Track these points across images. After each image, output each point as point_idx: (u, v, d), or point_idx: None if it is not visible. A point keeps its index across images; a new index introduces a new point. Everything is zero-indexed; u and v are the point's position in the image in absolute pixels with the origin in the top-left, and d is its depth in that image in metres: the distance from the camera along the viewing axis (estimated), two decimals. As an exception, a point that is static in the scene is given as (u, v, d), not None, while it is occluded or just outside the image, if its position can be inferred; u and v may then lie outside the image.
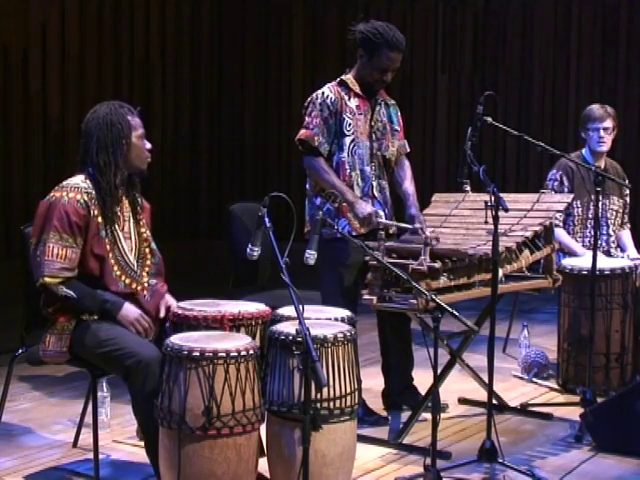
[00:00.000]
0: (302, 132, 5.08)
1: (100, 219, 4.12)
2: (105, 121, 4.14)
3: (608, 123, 5.96)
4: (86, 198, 4.09)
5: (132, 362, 3.91)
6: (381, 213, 5.09)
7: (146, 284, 4.25)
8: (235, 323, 3.95)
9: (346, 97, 5.09)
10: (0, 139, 8.87)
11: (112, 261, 4.14)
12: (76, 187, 4.12)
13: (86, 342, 4.07)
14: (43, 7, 9.09)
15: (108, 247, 4.14)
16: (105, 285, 4.13)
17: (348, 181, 5.05)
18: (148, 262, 4.30)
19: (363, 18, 5.15)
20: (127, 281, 4.18)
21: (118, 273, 4.15)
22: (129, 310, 4.10)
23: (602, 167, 5.99)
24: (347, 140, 5.06)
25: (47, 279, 4.03)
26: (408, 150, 5.36)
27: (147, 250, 4.31)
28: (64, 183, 4.16)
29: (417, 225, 4.92)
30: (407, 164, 5.31)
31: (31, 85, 9.05)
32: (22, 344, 4.41)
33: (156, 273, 4.32)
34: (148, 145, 4.25)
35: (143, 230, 4.31)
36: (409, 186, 5.23)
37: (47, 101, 9.19)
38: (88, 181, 4.14)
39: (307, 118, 5.08)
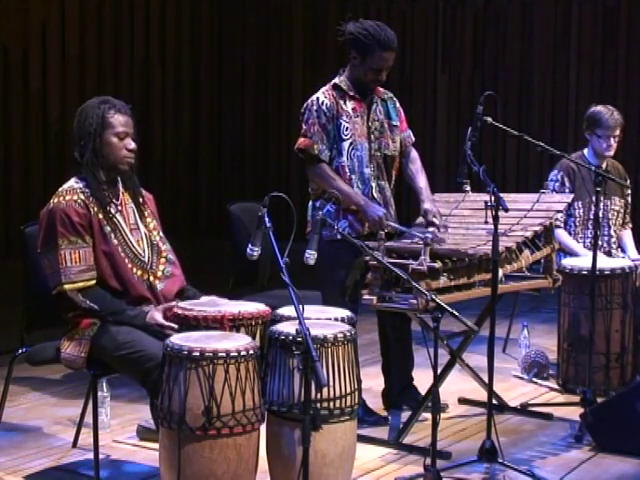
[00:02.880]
0: (301, 141, 5.05)
1: (101, 215, 4.11)
2: (80, 116, 4.15)
3: (618, 131, 5.97)
4: (82, 197, 4.08)
5: (152, 365, 3.88)
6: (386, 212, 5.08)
7: (160, 273, 4.22)
8: (235, 323, 3.94)
9: (341, 101, 5.06)
10: (0, 139, 8.87)
11: (122, 254, 4.12)
12: (70, 189, 4.12)
13: (105, 345, 4.03)
14: (43, 7, 9.10)
15: (115, 242, 4.12)
16: (119, 282, 4.09)
17: (348, 184, 5.03)
18: (163, 248, 4.28)
19: (351, 18, 5.11)
20: (139, 273, 4.15)
21: (129, 266, 4.13)
22: (151, 318, 4.04)
23: (603, 167, 5.99)
24: (346, 144, 5.04)
25: (67, 286, 4.02)
26: (413, 140, 5.33)
27: (158, 238, 4.29)
28: (59, 190, 4.14)
29: (429, 230, 4.88)
30: (415, 155, 5.29)
31: (31, 85, 9.06)
32: (22, 344, 4.41)
33: (172, 261, 4.29)
34: (131, 145, 4.16)
35: (149, 220, 4.29)
36: (421, 179, 5.20)
37: (47, 101, 9.19)
38: (80, 181, 4.13)
39: (304, 126, 5.05)
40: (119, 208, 4.19)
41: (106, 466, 4.44)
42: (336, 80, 5.13)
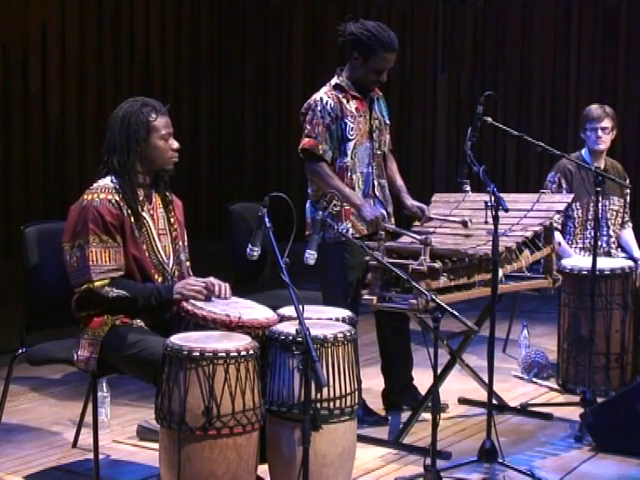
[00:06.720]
0: (305, 141, 5.03)
1: (133, 219, 4.07)
2: (123, 122, 4.09)
3: (606, 123, 5.95)
4: (117, 198, 4.04)
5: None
6: (384, 213, 5.08)
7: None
8: (243, 330, 3.88)
9: (344, 100, 5.05)
10: (0, 139, 8.88)
11: (148, 260, 4.10)
12: (106, 188, 4.06)
13: (115, 345, 3.99)
14: (43, 7, 9.10)
15: (144, 247, 4.10)
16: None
17: (350, 184, 5.03)
18: (181, 259, 4.26)
19: (351, 18, 5.10)
20: (160, 280, 4.13)
21: (152, 271, 4.11)
22: (181, 283, 4.02)
23: (602, 167, 5.98)
24: (350, 145, 5.03)
25: (97, 283, 3.98)
26: (391, 147, 5.35)
27: (179, 247, 4.26)
28: (94, 185, 4.09)
29: (429, 229, 4.91)
30: (391, 157, 5.32)
31: (31, 85, 9.06)
32: (22, 344, 4.40)
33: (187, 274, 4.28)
34: (175, 145, 4.17)
35: (174, 227, 4.26)
36: (399, 178, 5.27)
37: (47, 101, 9.20)
38: (116, 179, 4.08)
39: (308, 126, 5.02)
40: (151, 212, 4.17)
41: (106, 466, 4.44)
42: (336, 80, 5.11)
